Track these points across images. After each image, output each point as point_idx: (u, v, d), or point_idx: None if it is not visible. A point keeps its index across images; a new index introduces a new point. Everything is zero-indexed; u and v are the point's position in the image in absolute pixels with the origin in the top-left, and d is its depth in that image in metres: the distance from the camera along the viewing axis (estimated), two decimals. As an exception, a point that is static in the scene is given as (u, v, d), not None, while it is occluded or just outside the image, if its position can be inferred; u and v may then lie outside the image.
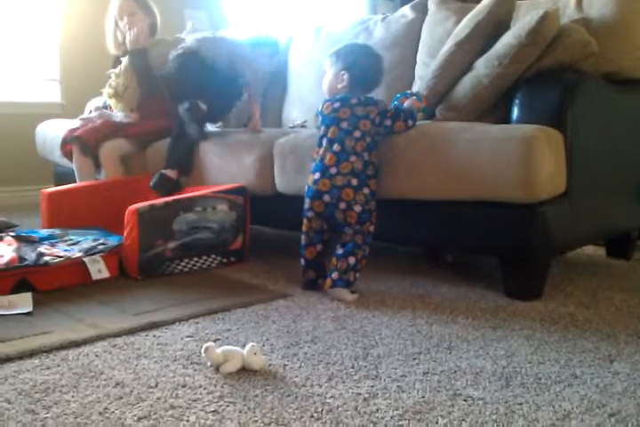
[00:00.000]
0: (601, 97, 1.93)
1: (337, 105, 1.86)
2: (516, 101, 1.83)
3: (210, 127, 2.65)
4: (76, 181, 2.75)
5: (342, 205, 1.78)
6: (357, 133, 1.81)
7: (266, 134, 2.36)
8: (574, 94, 1.76)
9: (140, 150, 2.75)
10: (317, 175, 1.81)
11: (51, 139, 3.17)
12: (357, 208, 1.78)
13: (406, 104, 1.97)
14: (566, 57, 1.88)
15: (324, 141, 1.84)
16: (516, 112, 1.82)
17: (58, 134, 3.08)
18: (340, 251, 1.80)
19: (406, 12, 2.70)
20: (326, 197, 1.79)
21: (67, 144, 2.80)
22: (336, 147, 1.81)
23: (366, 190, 1.79)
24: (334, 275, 1.77)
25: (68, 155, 2.82)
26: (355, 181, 1.78)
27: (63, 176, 3.04)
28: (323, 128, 1.87)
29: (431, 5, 2.57)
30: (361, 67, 1.92)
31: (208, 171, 2.42)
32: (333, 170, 1.79)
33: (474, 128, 1.78)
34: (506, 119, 1.85)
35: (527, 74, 1.89)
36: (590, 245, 2.45)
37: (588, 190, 1.85)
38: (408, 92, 2.09)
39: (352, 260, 1.78)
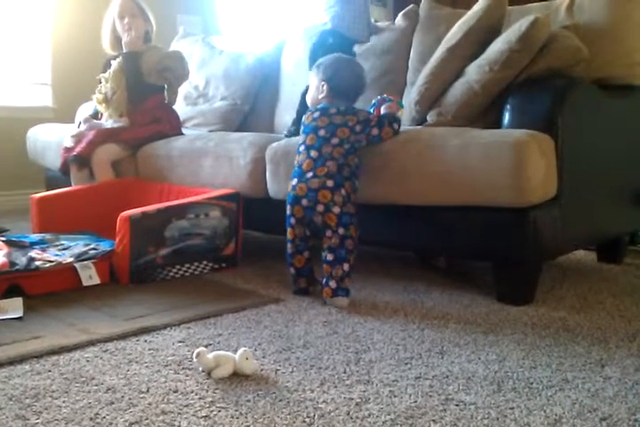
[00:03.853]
0: (591, 102, 1.94)
1: (316, 114, 1.88)
2: (507, 107, 1.84)
3: None
4: (67, 185, 2.72)
5: (320, 208, 1.77)
6: (335, 140, 1.81)
7: (259, 137, 2.36)
8: (565, 99, 1.77)
9: (131, 155, 2.73)
10: (295, 181, 1.82)
11: (42, 143, 3.15)
12: (336, 209, 1.77)
13: (384, 111, 1.94)
14: (557, 63, 1.89)
15: (302, 148, 1.86)
16: (506, 117, 1.83)
17: (49, 139, 3.07)
18: (330, 257, 1.77)
19: (398, 18, 2.72)
20: (304, 201, 1.79)
21: (67, 165, 2.74)
22: (313, 153, 1.82)
23: (343, 192, 1.78)
24: (332, 283, 1.75)
25: (66, 171, 2.78)
26: (330, 183, 1.77)
27: (54, 180, 3.02)
28: (302, 136, 1.89)
29: (422, 12, 2.58)
30: (340, 78, 1.92)
31: (201, 172, 2.42)
32: (309, 174, 1.80)
33: (465, 133, 1.79)
34: (497, 124, 1.86)
35: (518, 79, 1.90)
36: (581, 250, 2.46)
37: (578, 195, 1.86)
38: (374, 101, 2.01)
39: (346, 266, 1.77)
